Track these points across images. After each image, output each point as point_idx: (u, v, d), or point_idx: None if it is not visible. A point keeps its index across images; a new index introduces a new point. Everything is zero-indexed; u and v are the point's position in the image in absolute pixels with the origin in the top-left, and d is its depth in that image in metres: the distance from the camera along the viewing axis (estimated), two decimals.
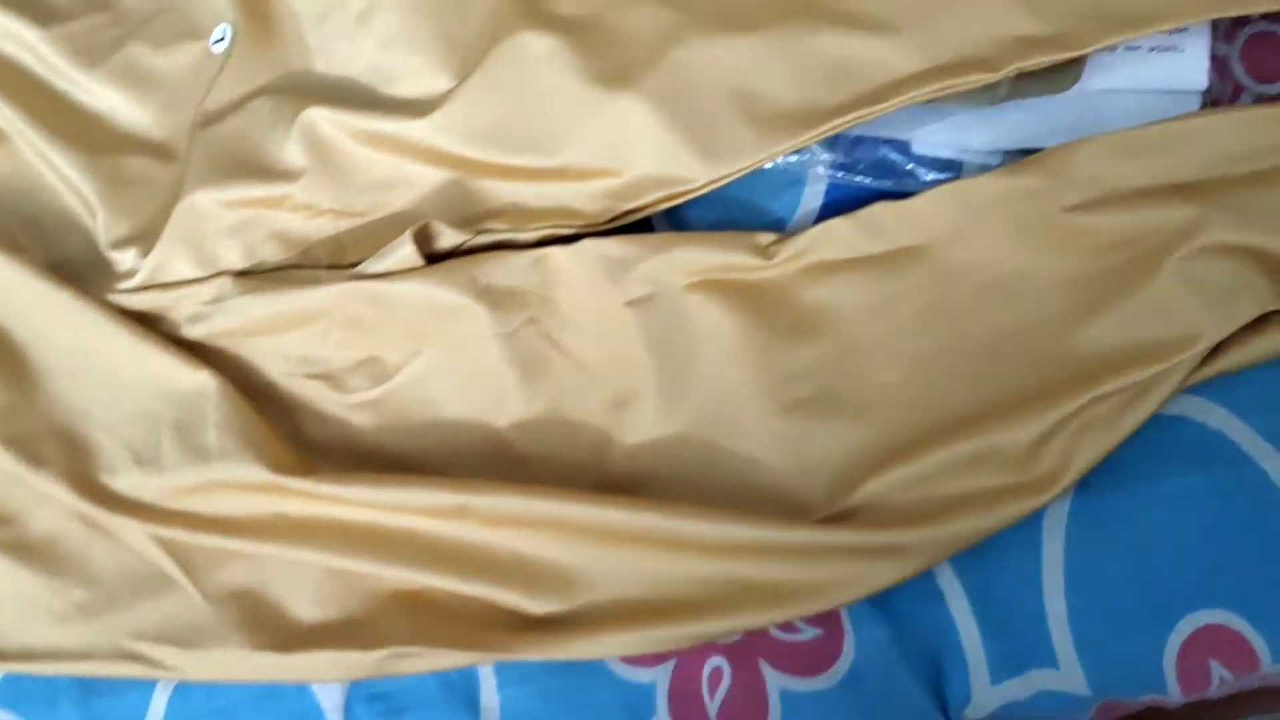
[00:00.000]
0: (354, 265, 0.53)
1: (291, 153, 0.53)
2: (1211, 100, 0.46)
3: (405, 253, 0.50)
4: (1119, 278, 0.44)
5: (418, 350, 0.51)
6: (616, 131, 0.49)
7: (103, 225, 0.56)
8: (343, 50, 0.55)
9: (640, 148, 0.49)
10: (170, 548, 0.50)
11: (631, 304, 0.49)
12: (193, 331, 0.53)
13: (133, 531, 0.50)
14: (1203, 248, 0.42)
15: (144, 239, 0.55)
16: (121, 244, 0.55)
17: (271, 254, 0.54)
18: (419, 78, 0.52)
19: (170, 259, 0.54)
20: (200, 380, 0.51)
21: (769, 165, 0.49)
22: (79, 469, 0.51)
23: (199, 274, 0.54)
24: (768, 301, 0.48)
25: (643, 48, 0.49)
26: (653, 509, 0.46)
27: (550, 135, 0.50)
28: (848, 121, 0.47)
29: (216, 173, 0.54)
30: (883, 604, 0.45)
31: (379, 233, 0.53)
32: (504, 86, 0.51)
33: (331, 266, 0.54)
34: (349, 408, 0.52)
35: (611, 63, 0.49)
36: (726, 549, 0.45)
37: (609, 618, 0.47)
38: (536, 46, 0.50)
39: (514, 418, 0.50)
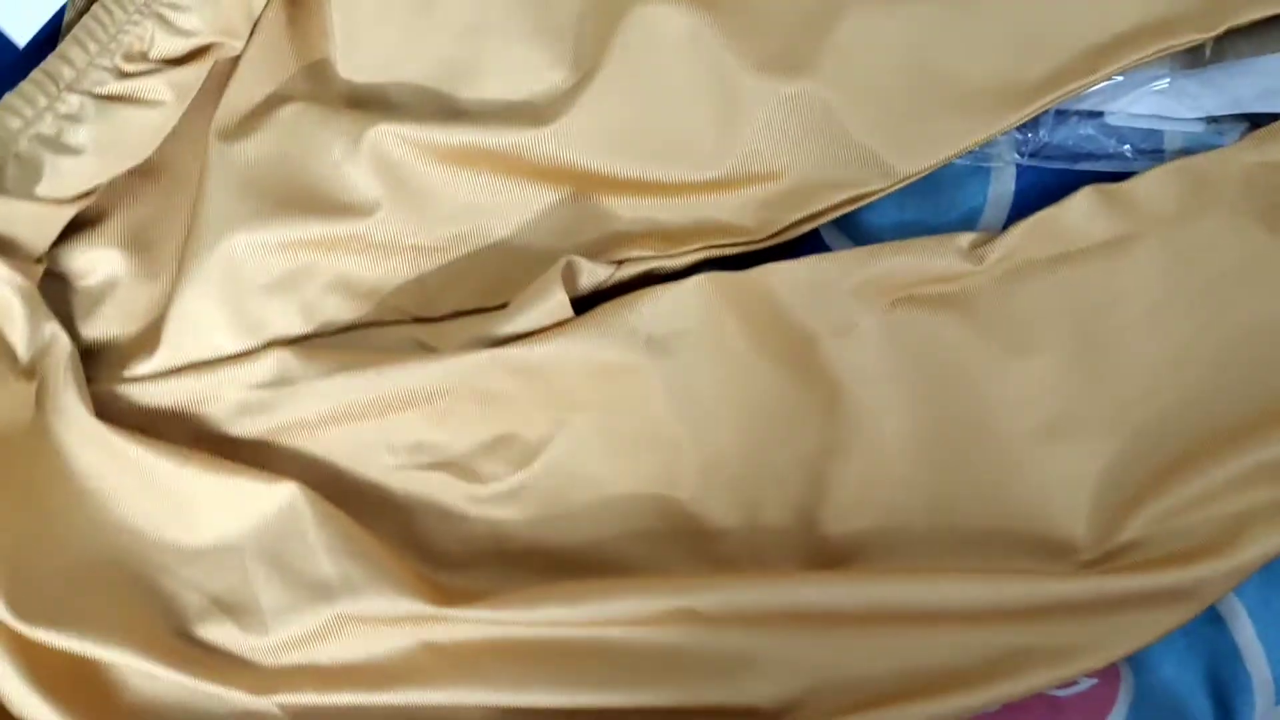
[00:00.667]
0: (448, 317, 0.43)
1: (358, 179, 0.41)
2: None
3: (555, 303, 0.40)
4: None
5: (563, 420, 0.41)
6: (782, 128, 0.41)
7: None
8: (393, 39, 0.43)
9: (812, 145, 0.41)
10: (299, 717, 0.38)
11: (834, 334, 0.41)
12: (248, 428, 0.41)
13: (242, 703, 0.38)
14: None
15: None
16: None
17: (337, 311, 0.42)
18: (521, 73, 0.42)
19: (201, 328, 0.41)
20: (285, 495, 0.39)
21: None
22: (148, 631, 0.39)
23: (243, 346, 0.41)
24: (983, 312, 0.42)
25: (799, 24, 0.41)
26: (901, 581, 0.39)
27: (701, 138, 0.41)
28: (1055, 99, 0.41)
29: (254, 209, 0.41)
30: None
31: (471, 271, 0.43)
32: (639, 79, 0.41)
33: (420, 320, 0.43)
34: (486, 501, 0.41)
35: (768, 45, 0.41)
36: (988, 614, 0.39)
37: (858, 701, 0.40)
38: (672, 28, 0.41)
39: (694, 485, 0.41)
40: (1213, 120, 0.43)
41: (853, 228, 0.44)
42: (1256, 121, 0.43)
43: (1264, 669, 0.41)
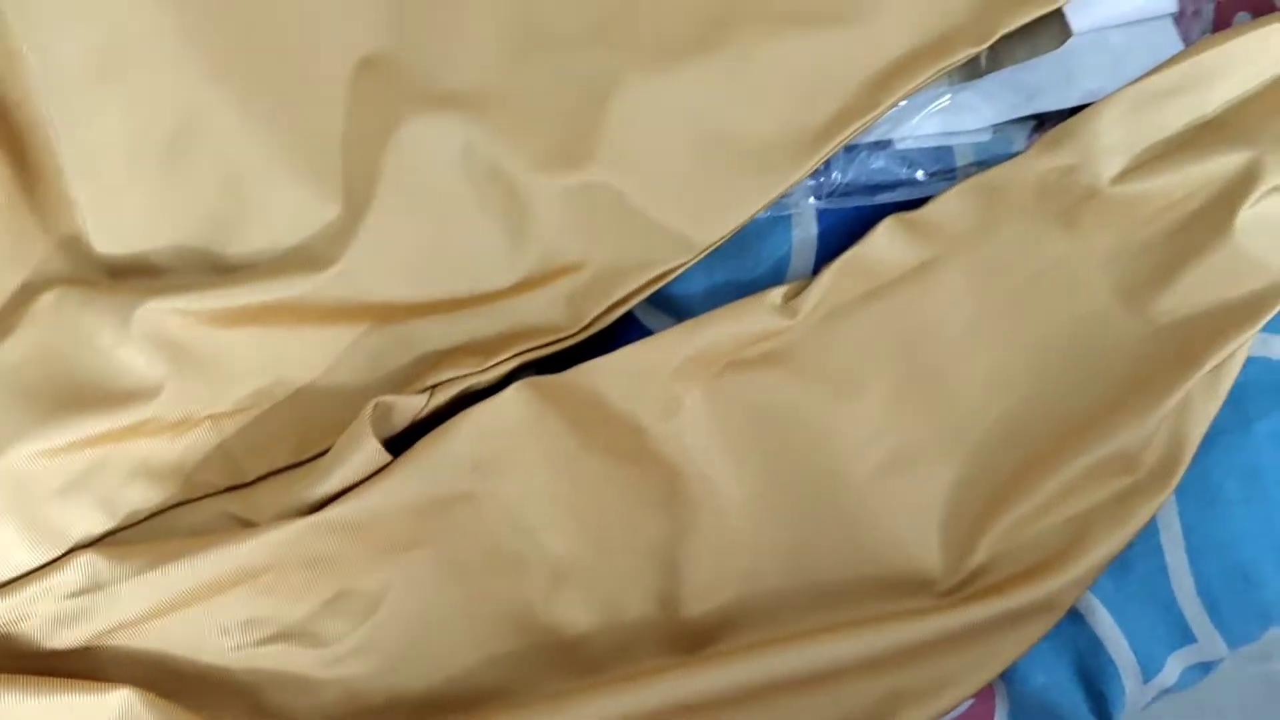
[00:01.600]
0: (263, 479, 0.40)
1: (135, 361, 0.38)
2: (1178, 18, 0.43)
3: (369, 452, 0.38)
4: (1180, 241, 0.41)
5: (399, 563, 0.40)
6: (575, 221, 0.40)
7: None
8: (145, 202, 0.39)
9: (608, 232, 0.40)
10: None
11: (661, 418, 0.40)
12: (68, 638, 0.38)
13: None
14: (1274, 188, 0.39)
15: None
16: None
17: (143, 499, 0.39)
18: (291, 217, 0.39)
19: None
20: (119, 702, 0.37)
21: None
22: None
23: (46, 557, 0.38)
24: (806, 362, 0.41)
25: (571, 113, 0.39)
26: (769, 655, 0.39)
27: (494, 247, 0.40)
28: (843, 139, 0.40)
29: (28, 416, 0.38)
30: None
31: (277, 427, 0.40)
32: (418, 200, 0.39)
33: (231, 488, 0.40)
34: (335, 662, 0.39)
35: (544, 140, 0.39)
36: (859, 667, 0.40)
37: None
38: (441, 142, 0.38)
39: (547, 597, 0.40)
40: (998, 128, 0.43)
41: (665, 302, 0.42)
42: (1041, 120, 0.43)
43: (1127, 653, 0.42)
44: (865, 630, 0.39)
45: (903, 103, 0.41)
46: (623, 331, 0.41)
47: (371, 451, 0.38)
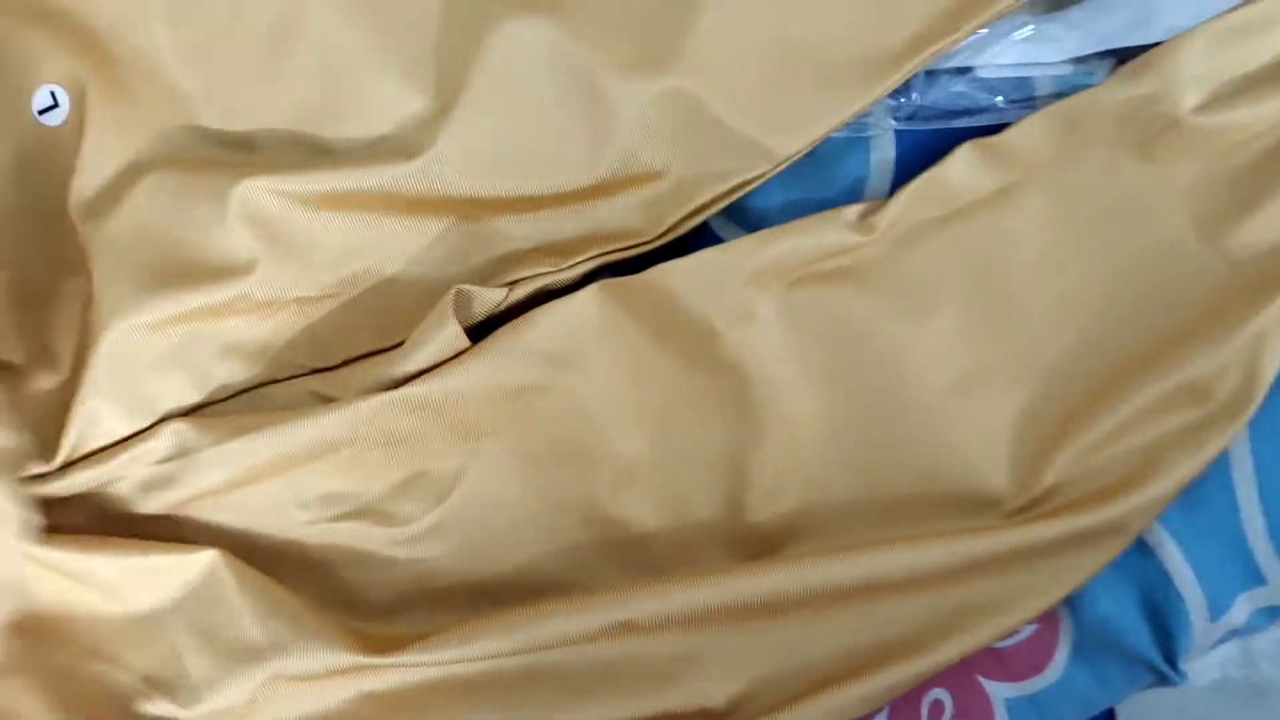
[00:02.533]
0: (345, 364, 0.42)
1: (231, 239, 0.40)
2: None
3: (450, 335, 0.39)
4: (1259, 175, 0.41)
5: (474, 449, 0.41)
6: (656, 126, 0.41)
7: None
8: (245, 90, 0.41)
9: (689, 139, 0.41)
10: None
11: (734, 324, 0.41)
12: (155, 504, 0.40)
13: None
14: None
15: None
16: None
17: (230, 375, 0.41)
18: (384, 108, 0.41)
19: (95, 420, 0.39)
20: (204, 563, 0.38)
21: None
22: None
23: (138, 426, 0.40)
24: (880, 280, 0.42)
25: (657, 21, 0.40)
26: (833, 561, 0.39)
27: (575, 147, 0.41)
28: (923, 61, 0.41)
29: (131, 290, 0.39)
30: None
31: (362, 314, 0.42)
32: (505, 98, 0.40)
33: (317, 371, 0.42)
34: (406, 543, 0.40)
35: (629, 46, 0.40)
36: (923, 580, 0.40)
37: (806, 687, 0.40)
38: (531, 42, 0.40)
39: (614, 493, 0.41)
40: (1079, 61, 0.43)
41: (741, 215, 0.43)
42: (1122, 57, 0.43)
43: (1195, 589, 0.41)
44: (931, 544, 0.40)
45: (984, 30, 0.41)
46: (698, 241, 0.42)
47: (452, 335, 0.39)
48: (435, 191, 0.40)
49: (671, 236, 0.42)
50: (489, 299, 0.40)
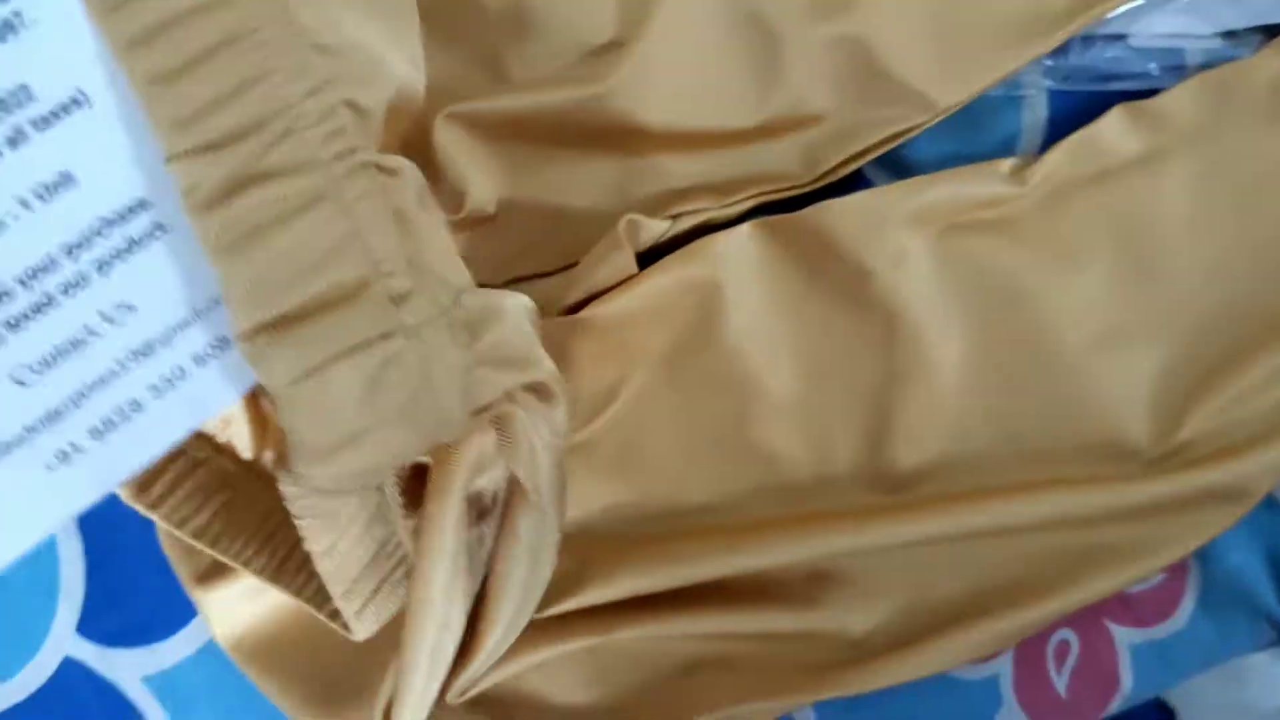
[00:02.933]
0: (511, 283, 0.44)
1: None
2: None
3: (621, 261, 0.41)
4: None
5: (630, 373, 0.43)
6: (823, 71, 0.42)
7: None
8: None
9: (853, 85, 0.43)
10: None
11: (887, 265, 0.43)
12: None
13: None
14: None
15: None
16: None
17: None
18: (566, 36, 0.42)
19: None
20: None
21: None
22: None
23: None
24: (1029, 233, 0.43)
25: None
26: (972, 503, 0.41)
27: (745, 87, 0.43)
28: (1082, 24, 0.42)
29: None
30: None
31: (529, 238, 0.43)
32: (685, 36, 0.42)
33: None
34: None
35: None
36: (1060, 524, 0.41)
37: (941, 620, 0.41)
38: None
39: (761, 424, 0.43)
40: (1230, 35, 0.44)
41: (895, 164, 0.45)
42: (1271, 32, 0.45)
43: None
44: (1068, 490, 0.41)
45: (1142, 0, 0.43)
46: (852, 187, 0.44)
47: (623, 260, 0.41)
48: (610, 120, 0.42)
49: (827, 181, 0.44)
50: (654, 229, 0.42)
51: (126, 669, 0.44)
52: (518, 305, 0.28)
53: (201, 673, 0.44)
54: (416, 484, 0.32)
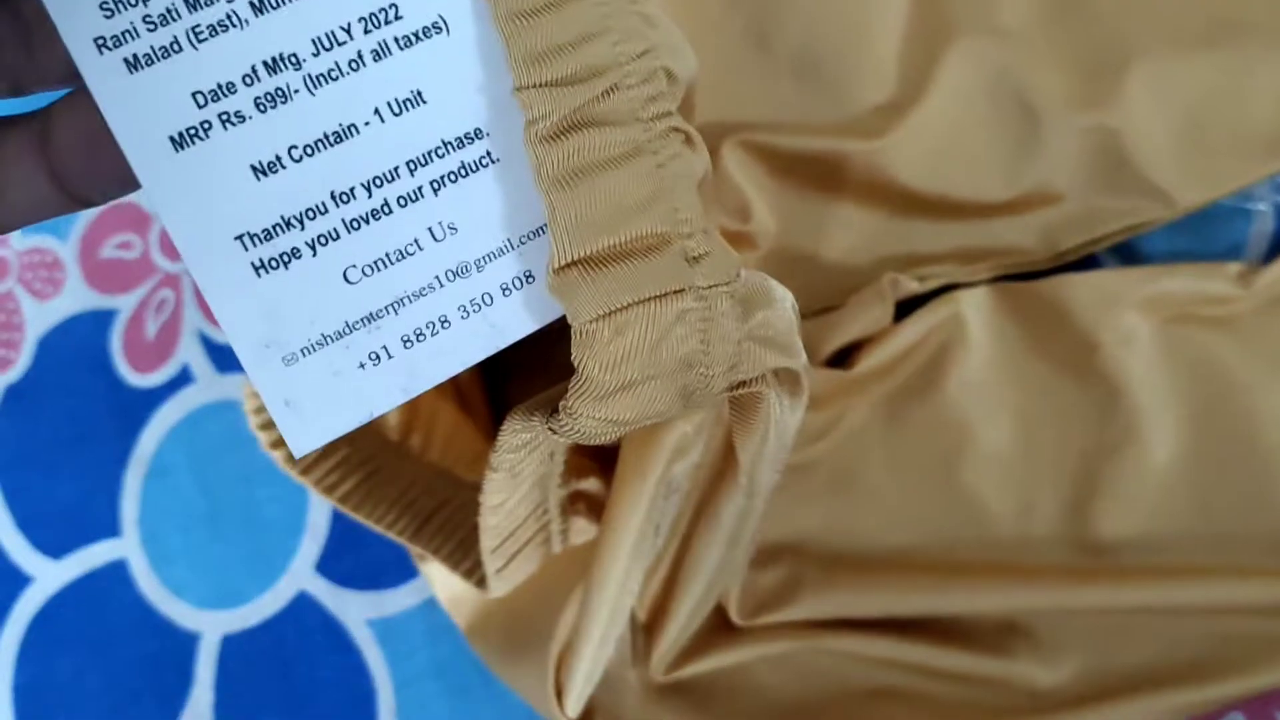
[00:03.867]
0: None
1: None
2: None
3: (880, 312, 0.45)
4: None
5: (854, 402, 0.46)
6: (1075, 157, 0.46)
7: None
8: (735, 80, 0.48)
9: (1101, 175, 0.46)
10: None
11: (1115, 342, 0.46)
12: None
13: None
14: None
15: None
16: None
17: None
18: (856, 91, 0.47)
19: None
20: None
21: None
22: None
23: None
24: (1250, 334, 0.46)
25: (1099, 65, 0.46)
26: (1167, 580, 0.43)
27: (1003, 164, 0.47)
28: None
29: None
30: None
31: (789, 278, 0.48)
32: (955, 106, 0.46)
33: None
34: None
35: (1069, 81, 0.46)
36: (1248, 608, 0.43)
37: (1122, 687, 0.44)
38: (986, 61, 0.46)
39: (973, 472, 0.46)
40: None
41: (1128, 251, 0.48)
42: None
43: None
44: (1259, 578, 0.43)
45: None
46: (1084, 268, 0.47)
47: (883, 313, 0.45)
48: (881, 175, 0.46)
49: (1064, 260, 0.47)
50: (907, 287, 0.46)
51: (354, 609, 0.48)
52: (784, 293, 0.29)
53: (420, 624, 0.48)
54: (576, 455, 0.36)
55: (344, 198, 0.23)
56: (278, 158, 0.22)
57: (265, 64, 0.22)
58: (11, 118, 0.24)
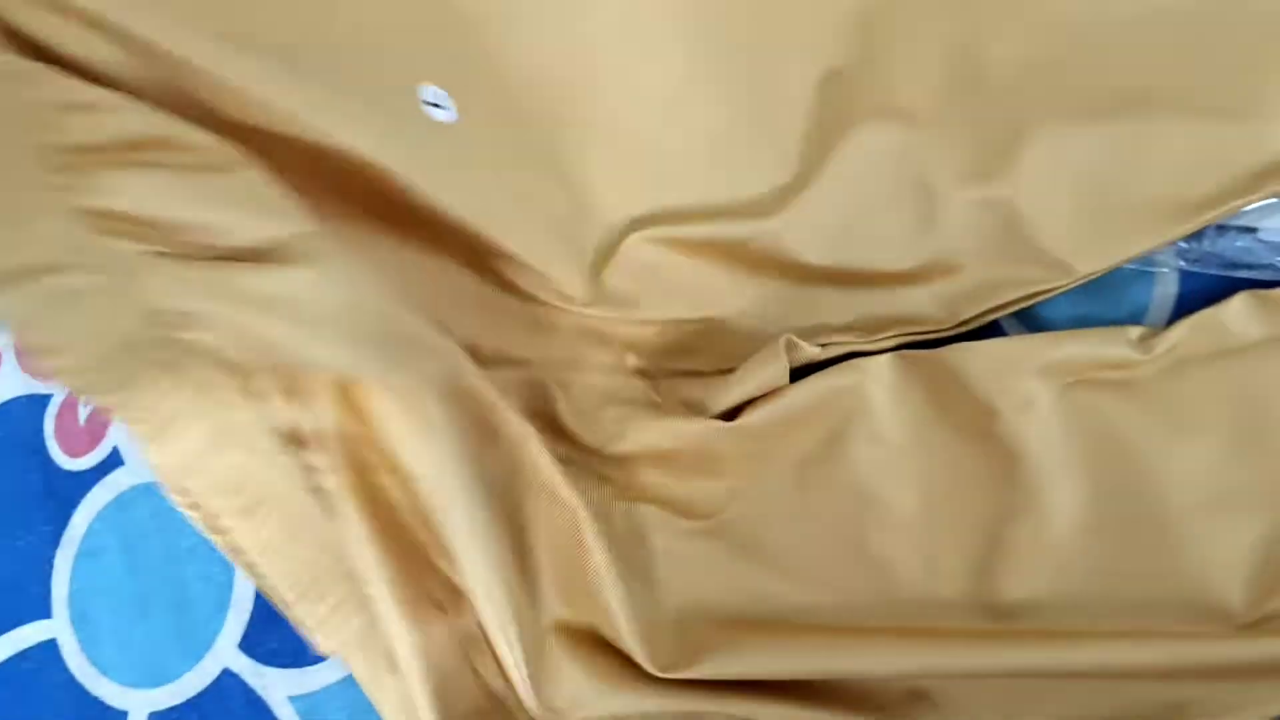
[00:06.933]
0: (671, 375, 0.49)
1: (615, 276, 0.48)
2: None
3: (775, 371, 0.46)
4: None
5: (762, 469, 0.47)
6: (973, 229, 0.47)
7: None
8: (644, 162, 0.49)
9: (998, 245, 0.47)
10: None
11: (1015, 409, 0.46)
12: None
13: None
14: None
15: None
16: None
17: None
18: (753, 174, 0.48)
19: None
20: None
21: None
22: None
23: None
24: (1150, 398, 0.46)
25: (996, 139, 0.47)
26: (1070, 642, 0.43)
27: (901, 237, 0.48)
28: (1218, 215, 0.46)
29: None
30: None
31: (695, 342, 0.49)
32: (853, 185, 0.47)
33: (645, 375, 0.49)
34: (689, 535, 0.46)
35: (966, 157, 0.47)
36: (1149, 671, 0.43)
37: None
38: (885, 143, 0.47)
39: (880, 536, 0.46)
40: None
41: (1030, 318, 0.49)
42: None
43: None
44: (1161, 640, 0.43)
45: (1274, 199, 0.47)
46: (987, 335, 0.48)
47: (778, 372, 0.46)
48: (779, 251, 0.47)
49: (965, 329, 0.48)
50: (807, 353, 0.47)
51: (278, 687, 0.49)
52: None
53: (342, 699, 0.48)
54: None
55: None
56: None
57: None
58: None
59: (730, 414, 0.47)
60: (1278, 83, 0.46)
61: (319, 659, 0.49)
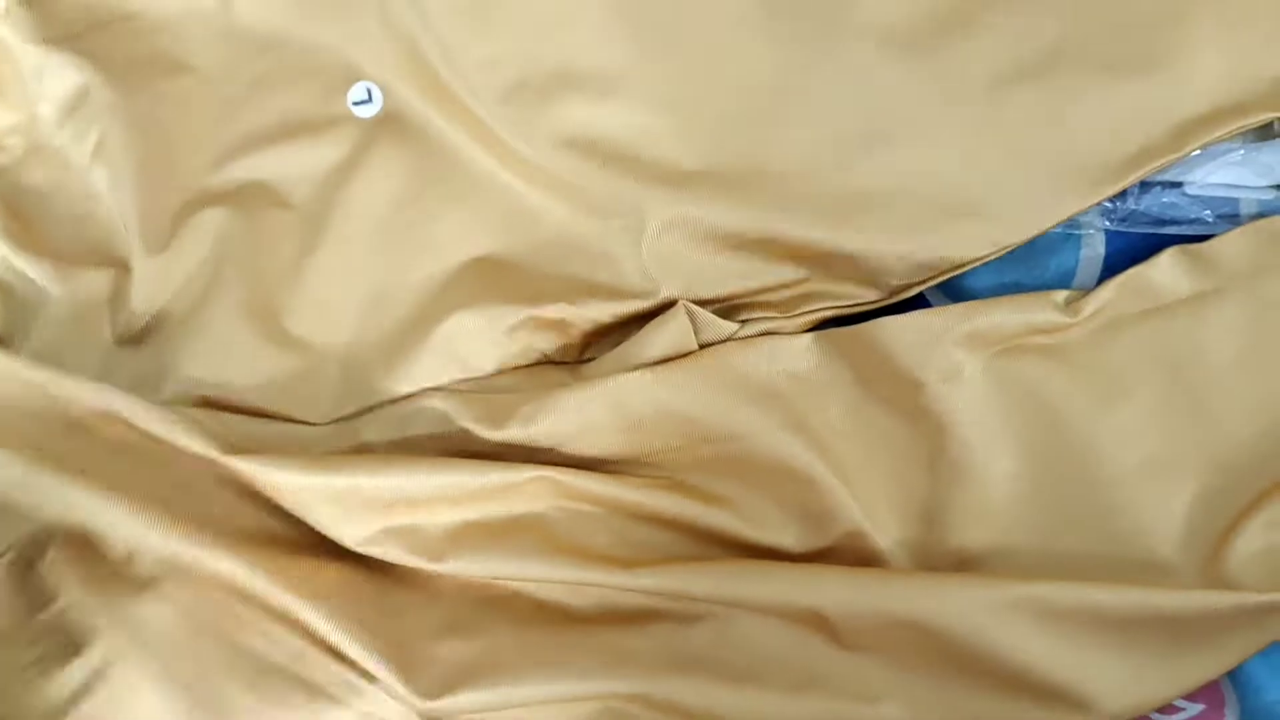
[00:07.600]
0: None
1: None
2: None
3: (679, 331, 0.45)
4: None
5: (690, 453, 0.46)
6: (902, 203, 0.46)
7: None
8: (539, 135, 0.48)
9: (924, 219, 0.46)
10: None
11: (940, 380, 0.45)
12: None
13: None
14: None
15: None
16: None
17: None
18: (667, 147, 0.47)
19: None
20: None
21: None
22: None
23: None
24: (1080, 361, 0.45)
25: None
26: (1019, 583, 0.42)
27: (830, 209, 0.46)
28: (1142, 174, 0.45)
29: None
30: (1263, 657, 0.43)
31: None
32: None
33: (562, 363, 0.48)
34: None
35: (877, 124, 0.46)
36: (1094, 620, 0.42)
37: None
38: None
39: (822, 508, 0.45)
40: None
41: (954, 290, 0.48)
42: None
43: None
44: (1108, 588, 0.42)
45: (1198, 151, 0.46)
46: (911, 308, 0.47)
47: (681, 334, 0.45)
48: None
49: (890, 301, 0.47)
50: (722, 329, 0.46)
51: None
52: None
53: None
54: None
55: None
56: None
57: None
58: None
59: None
60: (1189, 36, 0.45)
61: None
